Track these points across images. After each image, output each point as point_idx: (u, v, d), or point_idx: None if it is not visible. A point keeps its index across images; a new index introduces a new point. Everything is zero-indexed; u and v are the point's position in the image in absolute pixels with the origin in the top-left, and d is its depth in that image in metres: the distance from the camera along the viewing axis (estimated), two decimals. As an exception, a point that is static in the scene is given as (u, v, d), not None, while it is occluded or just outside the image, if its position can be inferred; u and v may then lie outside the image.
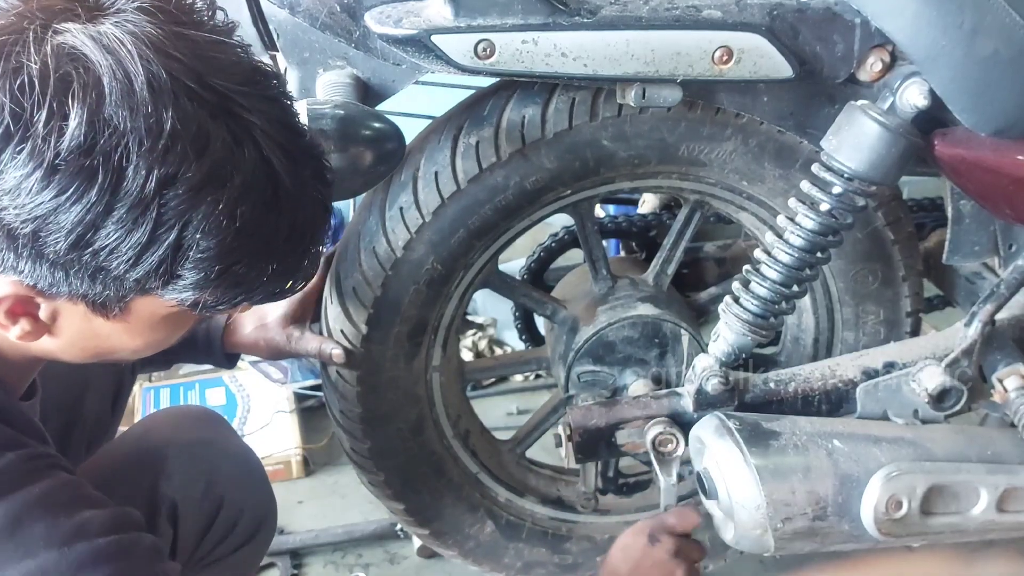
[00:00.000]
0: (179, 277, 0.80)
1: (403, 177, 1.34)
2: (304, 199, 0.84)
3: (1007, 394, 1.24)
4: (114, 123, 0.72)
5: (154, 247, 0.77)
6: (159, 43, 0.75)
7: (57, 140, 0.72)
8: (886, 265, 1.46)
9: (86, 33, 0.73)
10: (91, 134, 0.72)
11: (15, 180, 0.73)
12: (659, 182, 1.43)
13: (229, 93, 0.78)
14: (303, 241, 0.87)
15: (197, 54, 0.77)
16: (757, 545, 1.19)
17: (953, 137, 1.20)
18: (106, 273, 0.79)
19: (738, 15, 1.18)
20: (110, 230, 0.75)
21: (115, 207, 0.74)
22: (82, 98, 0.72)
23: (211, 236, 0.78)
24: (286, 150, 0.81)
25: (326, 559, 1.94)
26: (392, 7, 1.18)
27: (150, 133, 0.73)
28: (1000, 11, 1.11)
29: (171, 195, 0.75)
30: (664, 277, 1.58)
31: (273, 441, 2.17)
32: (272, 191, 0.81)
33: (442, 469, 1.58)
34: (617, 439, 1.31)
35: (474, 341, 2.51)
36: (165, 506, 1.21)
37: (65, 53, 0.73)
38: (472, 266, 1.42)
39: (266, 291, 0.88)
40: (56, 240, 0.76)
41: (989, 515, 1.19)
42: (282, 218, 0.83)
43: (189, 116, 0.75)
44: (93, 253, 0.77)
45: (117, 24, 0.75)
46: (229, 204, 0.78)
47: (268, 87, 0.82)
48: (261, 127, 0.79)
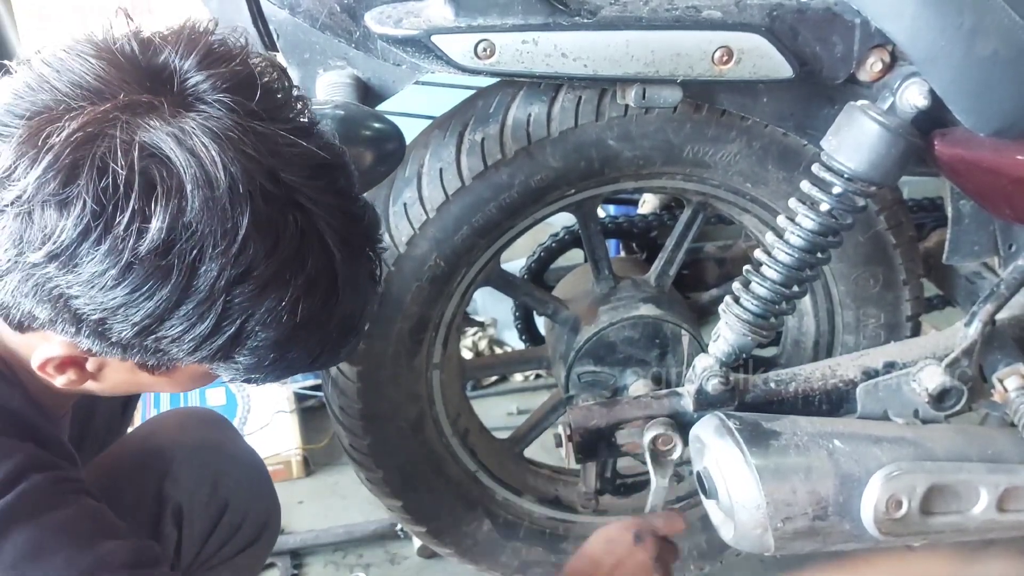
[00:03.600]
0: (233, 360, 0.82)
1: (407, 173, 1.34)
2: (358, 287, 0.85)
3: (1007, 394, 1.24)
4: (193, 227, 0.73)
5: (214, 337, 0.78)
6: (239, 142, 0.75)
7: (136, 240, 0.72)
8: (887, 269, 1.46)
9: (170, 132, 0.73)
10: (171, 236, 0.73)
11: (89, 275, 0.73)
12: (663, 183, 1.43)
13: (298, 187, 0.78)
14: (351, 327, 0.88)
15: (272, 150, 0.77)
16: (757, 545, 1.19)
17: (953, 137, 1.20)
18: (164, 353, 0.81)
19: (738, 15, 1.18)
20: (175, 323, 0.76)
21: (183, 303, 0.75)
22: (165, 203, 0.72)
23: (270, 329, 0.80)
24: (347, 242, 0.82)
25: (326, 559, 1.94)
26: (392, 7, 1.18)
27: (225, 236, 0.74)
28: (1000, 11, 1.11)
29: (238, 292, 0.76)
30: (666, 278, 1.59)
31: (273, 441, 2.17)
32: (331, 283, 0.82)
33: (441, 467, 1.58)
34: (617, 439, 1.31)
35: (474, 341, 2.51)
36: (170, 508, 1.21)
37: (148, 154, 0.72)
38: (475, 264, 1.42)
39: (310, 369, 0.91)
40: (122, 329, 0.77)
41: (989, 514, 1.19)
42: (337, 310, 0.84)
43: (262, 216, 0.75)
44: (156, 340, 0.78)
45: (199, 122, 0.74)
46: (292, 300, 0.79)
47: (335, 179, 0.82)
48: (326, 220, 0.80)
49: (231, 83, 0.77)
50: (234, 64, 0.79)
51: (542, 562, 1.68)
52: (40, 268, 0.74)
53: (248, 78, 0.79)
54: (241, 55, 0.81)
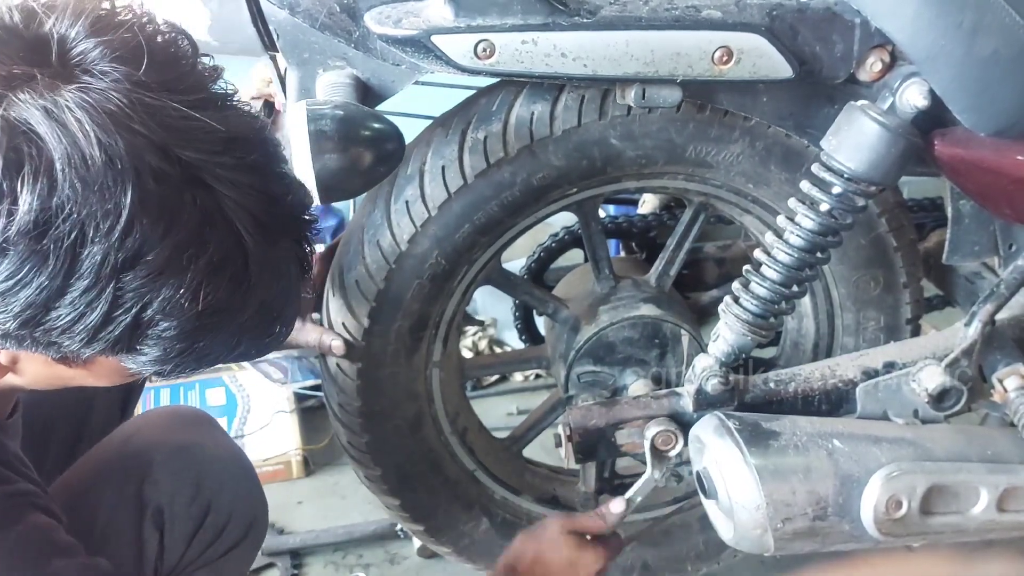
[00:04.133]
0: (138, 351, 0.78)
1: (409, 170, 1.34)
2: (277, 273, 0.80)
3: (1007, 394, 1.24)
4: (67, 207, 0.68)
5: (109, 327, 0.74)
6: (122, 116, 0.70)
7: (6, 224, 0.68)
8: (888, 271, 1.46)
9: (40, 106, 0.68)
10: (43, 218, 0.68)
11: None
12: (665, 183, 1.43)
13: (200, 164, 0.73)
14: (272, 316, 0.83)
15: (167, 124, 0.72)
16: (757, 545, 1.19)
17: (953, 137, 1.20)
18: (59, 346, 0.76)
19: (738, 15, 1.18)
20: (62, 312, 0.72)
21: (67, 291, 0.71)
22: (33, 182, 0.68)
23: (171, 317, 0.75)
24: (260, 223, 0.77)
25: (326, 559, 1.94)
26: (392, 7, 1.18)
27: (107, 216, 0.69)
28: (1000, 11, 1.11)
29: (129, 278, 0.72)
30: (667, 278, 1.59)
31: (273, 441, 2.17)
32: (241, 269, 0.77)
33: (439, 465, 1.58)
34: (617, 439, 1.31)
35: (474, 341, 2.51)
36: (151, 510, 1.19)
37: (18, 131, 0.68)
38: (476, 262, 1.42)
39: (232, 360, 0.86)
40: (5, 319, 0.73)
41: (989, 515, 1.19)
42: (250, 296, 0.79)
43: (151, 195, 0.70)
44: (45, 331, 0.74)
45: (77, 94, 0.70)
46: (192, 286, 0.74)
47: (246, 154, 0.76)
48: (235, 199, 0.75)
49: (120, 51, 0.72)
50: (124, 31, 0.74)
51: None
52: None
53: (140, 47, 0.73)
54: (135, 22, 0.75)
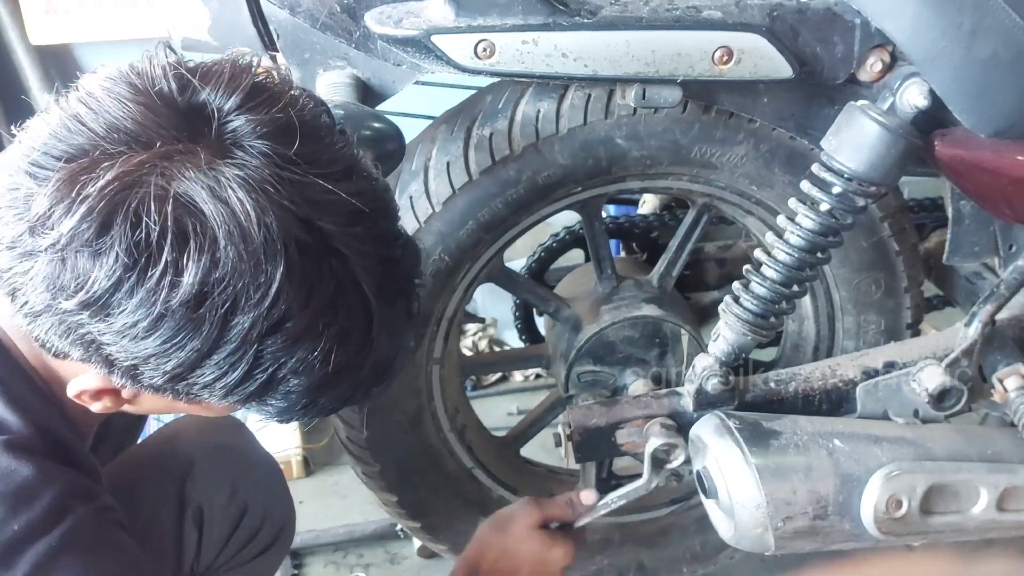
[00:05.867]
0: (264, 403, 0.82)
1: (414, 166, 1.34)
2: (393, 332, 0.85)
3: (1007, 394, 1.24)
4: (226, 280, 0.73)
5: (245, 384, 0.78)
6: (275, 193, 0.74)
7: (169, 293, 0.72)
8: (889, 275, 1.46)
9: (205, 185, 0.72)
10: (203, 290, 0.72)
11: (121, 325, 0.74)
12: (669, 183, 1.43)
13: (336, 234, 0.77)
14: (386, 370, 0.88)
15: (310, 199, 0.76)
16: (757, 544, 1.19)
17: (953, 137, 1.20)
18: (196, 396, 0.81)
19: (738, 15, 1.18)
20: (206, 371, 0.77)
21: (215, 353, 0.75)
22: (198, 257, 0.72)
23: (302, 376, 0.80)
24: (383, 289, 0.81)
25: (326, 559, 1.94)
26: (392, 7, 1.19)
27: (258, 289, 0.74)
28: (1000, 12, 1.11)
29: (270, 342, 0.76)
30: (668, 279, 1.59)
31: (273, 441, 2.16)
32: (365, 332, 0.81)
33: (438, 463, 1.58)
34: (617, 439, 1.31)
35: (474, 341, 2.51)
36: (191, 509, 1.22)
37: (183, 206, 0.72)
38: (479, 259, 1.42)
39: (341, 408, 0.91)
40: (153, 375, 0.78)
41: (989, 514, 1.19)
42: (371, 357, 0.83)
43: (296, 267, 0.75)
44: (187, 385, 0.79)
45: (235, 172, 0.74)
46: (325, 349, 0.78)
47: (374, 223, 0.81)
48: (363, 266, 0.79)
49: (271, 128, 0.77)
50: (275, 109, 0.78)
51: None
52: (73, 315, 0.74)
53: (289, 123, 0.77)
54: (283, 95, 0.80)
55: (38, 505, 0.83)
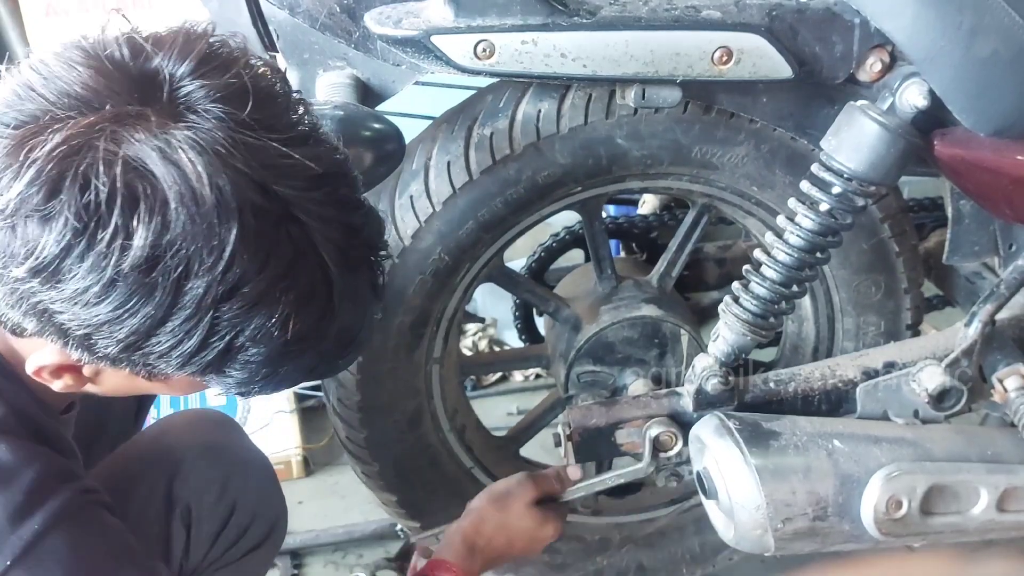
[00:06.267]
0: (225, 374, 0.81)
1: (415, 166, 1.34)
2: (356, 300, 0.84)
3: (1007, 394, 1.24)
4: (177, 244, 0.71)
5: (202, 353, 0.77)
6: (227, 155, 0.73)
7: (119, 257, 0.71)
8: (889, 277, 1.46)
9: (155, 146, 0.71)
10: (154, 254, 0.71)
11: (72, 291, 0.72)
12: (669, 183, 1.43)
13: (294, 199, 0.76)
14: (349, 340, 0.86)
15: (265, 162, 0.75)
16: (757, 545, 1.19)
17: (953, 137, 1.20)
18: (152, 367, 0.80)
19: (737, 15, 1.18)
20: (162, 339, 0.75)
21: (169, 320, 0.74)
22: (148, 220, 0.71)
23: (261, 344, 0.78)
24: (345, 255, 0.80)
25: (326, 559, 1.94)
26: (392, 8, 1.18)
27: (212, 252, 0.72)
28: (999, 11, 1.11)
29: (226, 309, 0.75)
30: (668, 279, 1.59)
31: (273, 441, 2.17)
32: (326, 299, 0.80)
33: (437, 462, 1.58)
34: (617, 439, 1.31)
35: (474, 341, 2.51)
36: (179, 508, 1.22)
37: (133, 168, 0.71)
38: (479, 259, 1.42)
39: (305, 380, 0.90)
40: (107, 344, 0.76)
41: (989, 515, 1.19)
42: (332, 324, 0.82)
43: (251, 231, 0.74)
44: (143, 355, 0.77)
45: (187, 134, 0.72)
46: (283, 316, 0.77)
47: (335, 188, 0.80)
48: (323, 232, 0.78)
49: (224, 92, 0.75)
50: (229, 74, 0.77)
51: (535, 561, 1.68)
52: (24, 282, 0.73)
53: (242, 87, 0.76)
54: (238, 62, 0.78)
55: (18, 487, 0.83)
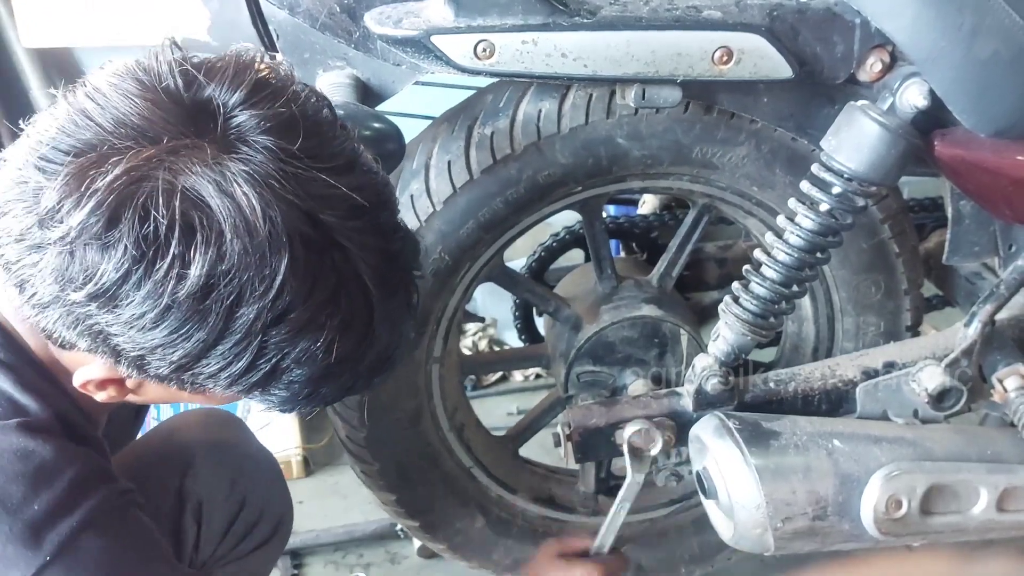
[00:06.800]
0: (267, 393, 0.83)
1: (415, 165, 1.34)
2: (393, 323, 0.86)
3: (1007, 394, 1.24)
4: (232, 273, 0.74)
5: (250, 374, 0.80)
6: (279, 188, 0.75)
7: (176, 285, 0.73)
8: (889, 277, 1.46)
9: (211, 179, 0.74)
10: (209, 282, 0.74)
11: (129, 316, 0.75)
12: (670, 183, 1.43)
13: (338, 227, 0.79)
14: (386, 360, 0.89)
15: (313, 193, 0.77)
16: (757, 545, 1.19)
17: (953, 137, 1.20)
18: (200, 385, 0.82)
19: (738, 15, 1.18)
20: (211, 361, 0.78)
21: (220, 343, 0.77)
22: (204, 250, 0.73)
23: (305, 367, 0.81)
24: (384, 281, 0.83)
25: (326, 559, 1.94)
26: (392, 8, 1.18)
27: (263, 281, 0.75)
28: (1000, 12, 1.11)
29: (273, 333, 0.78)
30: (668, 279, 1.59)
31: (273, 441, 2.16)
32: (367, 323, 0.83)
33: (436, 461, 1.58)
34: (616, 439, 1.31)
35: (474, 340, 2.51)
36: (191, 503, 1.24)
37: (190, 200, 0.73)
38: (479, 258, 1.42)
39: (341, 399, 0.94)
40: (159, 366, 0.79)
41: (989, 514, 1.19)
42: (372, 348, 0.85)
43: (299, 260, 0.76)
44: (192, 375, 0.80)
45: (241, 167, 0.75)
46: (327, 340, 0.80)
47: (375, 216, 0.82)
48: (364, 259, 0.81)
49: (274, 123, 0.78)
50: (279, 104, 0.79)
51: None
52: (81, 306, 0.76)
53: (292, 117, 0.79)
54: (287, 92, 0.81)
55: (59, 485, 0.84)
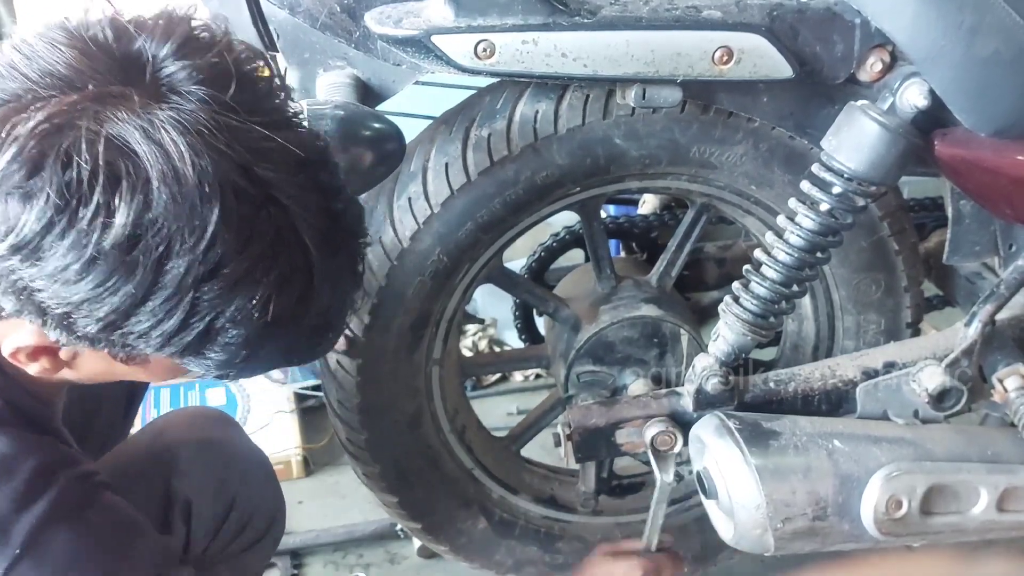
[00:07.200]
0: (204, 356, 0.81)
1: (412, 168, 1.34)
2: (335, 285, 0.84)
3: (1007, 394, 1.24)
4: (159, 223, 0.72)
5: (182, 334, 0.77)
6: (210, 136, 0.73)
7: (101, 235, 0.71)
8: (889, 275, 1.46)
9: (138, 125, 0.72)
10: (135, 232, 0.71)
11: (53, 268, 0.72)
12: (668, 183, 1.43)
13: (275, 182, 0.77)
14: (327, 324, 0.87)
15: (248, 145, 0.75)
16: (757, 545, 1.19)
17: (953, 137, 1.20)
18: (131, 347, 0.79)
19: (738, 15, 1.18)
20: (141, 318, 0.75)
21: (149, 299, 0.74)
22: (130, 198, 0.71)
23: (241, 326, 0.78)
24: (325, 238, 0.81)
25: (326, 559, 1.94)
26: (392, 7, 1.18)
27: (193, 232, 0.73)
28: (1000, 11, 1.11)
29: (206, 289, 0.75)
30: (668, 279, 1.59)
31: (273, 441, 2.17)
32: (306, 282, 0.81)
33: (437, 463, 1.58)
34: (617, 439, 1.31)
35: (474, 341, 2.51)
36: (179, 503, 1.23)
37: (115, 147, 0.71)
38: (478, 260, 1.42)
39: (282, 365, 0.91)
40: (86, 323, 0.76)
41: (989, 515, 1.19)
42: (312, 307, 0.83)
43: (233, 213, 0.74)
44: (122, 335, 0.77)
45: (170, 115, 0.73)
46: (263, 297, 0.78)
47: (315, 173, 0.81)
48: (304, 217, 0.78)
49: (207, 74, 0.76)
50: (211, 55, 0.77)
51: (536, 561, 1.68)
52: (3, 260, 0.73)
53: (225, 69, 0.77)
54: (220, 44, 0.79)
55: (19, 476, 0.83)
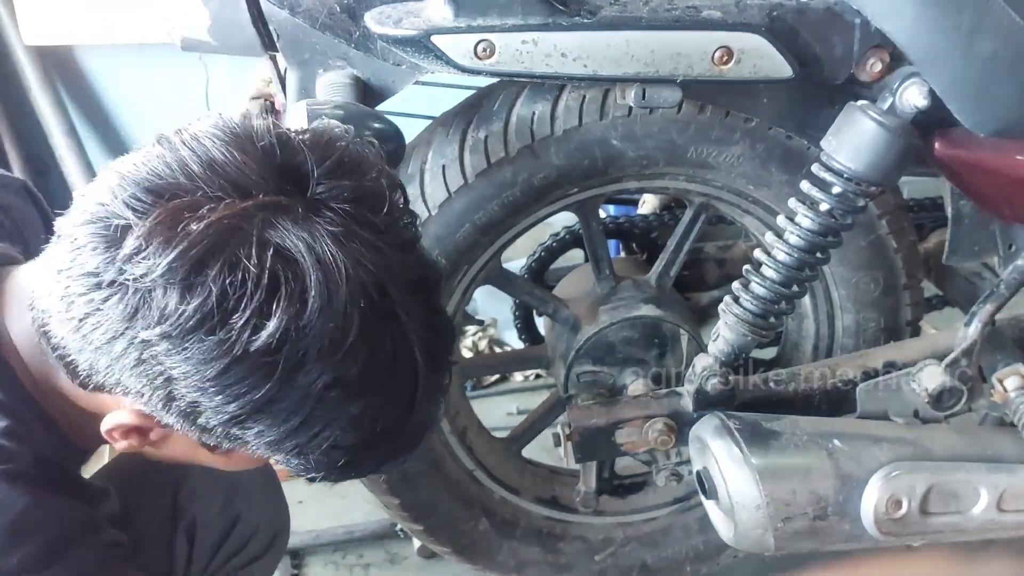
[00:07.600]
0: (304, 457, 0.83)
1: (410, 169, 1.35)
2: (432, 402, 0.86)
3: (1007, 394, 1.24)
4: (306, 330, 0.74)
5: (296, 436, 0.79)
6: (358, 252, 0.77)
7: (250, 338, 0.73)
8: (888, 273, 1.46)
9: (301, 236, 0.75)
10: (283, 337, 0.74)
11: (196, 360, 0.74)
12: (666, 183, 1.43)
13: (399, 299, 0.80)
14: (416, 443, 0.89)
15: (382, 263, 0.78)
16: (757, 545, 1.19)
17: (953, 137, 1.20)
18: (242, 442, 0.81)
19: (738, 15, 1.18)
20: (265, 417, 0.77)
21: (279, 400, 0.76)
22: (286, 305, 0.73)
23: (348, 434, 0.81)
24: (431, 357, 0.83)
25: (326, 559, 1.94)
26: (392, 7, 1.19)
27: (333, 342, 0.75)
28: (1000, 12, 1.11)
29: (332, 395, 0.77)
30: (667, 279, 1.58)
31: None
32: (412, 398, 0.83)
33: (438, 465, 1.58)
34: (617, 439, 1.31)
35: (474, 341, 2.51)
36: (184, 521, 1.22)
37: (281, 255, 0.74)
38: (476, 261, 1.42)
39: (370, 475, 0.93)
40: (209, 418, 0.78)
41: (989, 514, 1.19)
42: (411, 422, 0.85)
43: (368, 326, 0.77)
44: (242, 430, 0.79)
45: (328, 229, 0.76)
46: (374, 410, 0.80)
47: (431, 294, 0.84)
48: (417, 334, 0.81)
49: (356, 195, 0.79)
50: (363, 178, 0.81)
51: (538, 562, 1.68)
52: (149, 345, 0.75)
53: (371, 192, 0.81)
54: (368, 169, 0.82)
55: (39, 537, 0.82)
